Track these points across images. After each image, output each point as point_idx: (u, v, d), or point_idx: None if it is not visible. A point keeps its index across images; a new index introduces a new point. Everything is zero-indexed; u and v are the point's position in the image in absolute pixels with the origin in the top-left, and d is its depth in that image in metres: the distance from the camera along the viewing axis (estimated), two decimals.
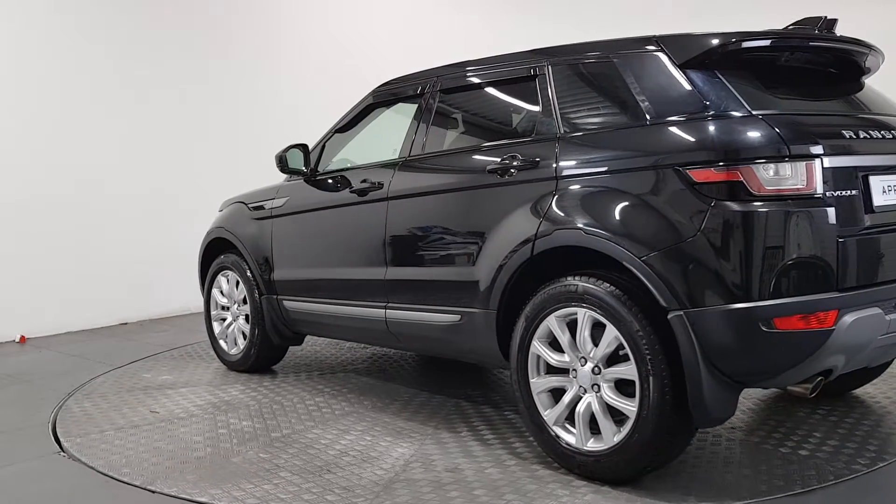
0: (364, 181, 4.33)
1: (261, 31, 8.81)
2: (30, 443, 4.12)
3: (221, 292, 5.56)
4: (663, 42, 3.26)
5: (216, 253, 5.64)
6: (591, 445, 3.24)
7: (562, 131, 3.45)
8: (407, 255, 4.08)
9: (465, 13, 10.36)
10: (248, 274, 5.22)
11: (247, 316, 5.33)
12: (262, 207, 5.15)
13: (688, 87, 3.12)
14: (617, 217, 3.13)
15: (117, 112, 7.60)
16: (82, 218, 7.35)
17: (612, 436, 3.16)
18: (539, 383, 3.43)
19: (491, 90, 3.99)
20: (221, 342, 5.59)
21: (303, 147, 4.75)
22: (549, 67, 3.61)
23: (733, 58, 3.15)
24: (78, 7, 7.40)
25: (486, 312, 3.63)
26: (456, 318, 3.80)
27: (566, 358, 3.32)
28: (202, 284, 5.80)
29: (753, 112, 2.98)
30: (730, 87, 3.08)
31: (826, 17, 3.39)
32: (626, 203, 3.12)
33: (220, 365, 5.63)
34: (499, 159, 3.62)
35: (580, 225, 3.21)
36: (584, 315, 3.22)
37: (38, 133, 7.10)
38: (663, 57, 3.22)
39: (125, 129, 7.65)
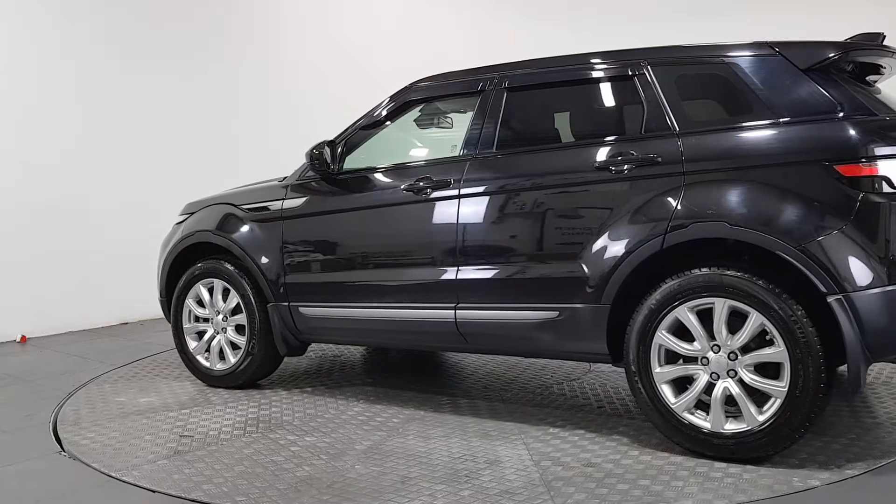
0: (421, 179, 4.17)
1: (260, 31, 8.80)
2: (30, 443, 4.10)
3: (200, 302, 5.06)
4: (780, 48, 3.50)
5: (187, 261, 5.13)
6: (730, 427, 3.40)
7: (678, 129, 3.58)
8: (487, 254, 3.99)
9: (465, 13, 10.36)
10: (245, 281, 4.80)
11: (237, 327, 4.90)
12: (265, 209, 4.76)
13: (818, 90, 3.38)
14: (765, 209, 3.31)
15: (119, 112, 7.55)
16: (83, 218, 7.27)
17: (756, 416, 3.33)
18: (664, 373, 3.53)
19: (575, 88, 4.01)
20: (200, 358, 5.08)
21: (331, 144, 4.48)
22: (649, 68, 3.73)
23: (843, 65, 3.47)
24: (75, 12, 7.31)
25: (595, 307, 3.67)
26: (553, 314, 3.80)
27: (697, 346, 3.45)
28: (166, 296, 5.24)
29: (877, 113, 3.30)
30: (851, 90, 3.39)
31: (883, 33, 3.81)
32: (771, 196, 3.32)
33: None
34: (607, 156, 3.68)
35: (724, 218, 3.36)
36: (722, 304, 3.37)
37: (38, 133, 7.04)
38: (785, 62, 3.47)
39: (127, 129, 7.60)
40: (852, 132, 3.25)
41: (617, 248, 3.61)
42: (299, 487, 3.32)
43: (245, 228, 4.82)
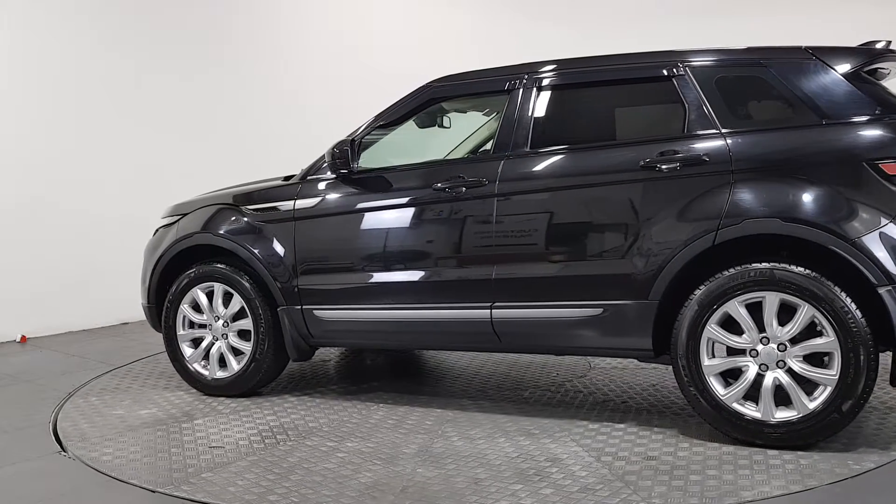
0: (453, 178, 4.14)
1: (260, 32, 8.72)
2: (30, 443, 4.10)
3: (196, 308, 4.83)
4: (818, 52, 3.68)
5: (179, 265, 4.90)
6: (780, 416, 3.53)
7: (721, 129, 3.69)
8: (527, 252, 3.99)
9: (465, 13, 10.28)
10: (249, 284, 4.62)
11: (240, 332, 4.71)
12: (274, 209, 4.59)
13: (856, 92, 3.57)
14: (815, 206, 3.46)
15: (119, 112, 7.48)
16: (83, 218, 7.18)
17: (806, 404, 3.48)
18: (714, 366, 3.64)
19: (612, 88, 4.07)
20: (197, 366, 4.85)
21: (351, 143, 4.37)
22: (688, 69, 3.84)
23: (875, 69, 3.68)
24: (76, 12, 7.24)
25: (642, 303, 3.74)
26: (597, 311, 3.84)
27: (747, 339, 3.58)
28: (156, 302, 4.98)
29: None
30: (884, 92, 3.60)
31: (890, 41, 4.06)
32: (819, 193, 3.47)
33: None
34: (654, 155, 3.75)
35: (776, 214, 3.49)
36: (773, 298, 3.51)
37: (39, 134, 6.97)
38: (824, 66, 3.64)
39: (126, 129, 7.51)
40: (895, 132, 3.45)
41: (667, 245, 3.68)
42: (373, 494, 3.23)
43: (252, 229, 4.64)
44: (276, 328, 4.61)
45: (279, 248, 4.55)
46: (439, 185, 4.16)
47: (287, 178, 4.86)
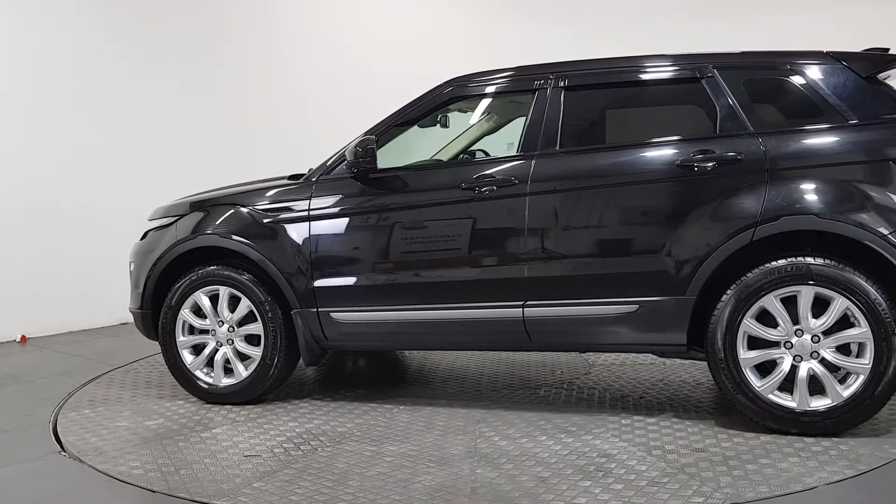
0: (482, 176, 4.12)
1: (259, 32, 8.64)
2: (30, 443, 4.10)
3: (198, 313, 4.63)
4: (840, 57, 3.86)
5: (175, 270, 4.69)
6: (815, 405, 3.68)
7: (753, 129, 3.82)
8: (560, 250, 4.01)
9: (465, 13, 10.12)
10: (259, 287, 4.47)
11: (247, 337, 4.55)
12: (287, 209, 4.45)
13: (879, 94, 3.77)
14: (849, 203, 3.63)
15: (118, 112, 7.47)
16: (83, 218, 7.18)
17: (841, 393, 3.64)
18: (750, 359, 3.76)
19: (639, 89, 4.16)
20: (199, 373, 4.65)
21: (375, 141, 4.28)
22: (717, 71, 3.95)
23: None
24: (76, 12, 7.23)
25: (680, 299, 3.83)
26: (632, 307, 3.91)
27: (782, 331, 3.72)
28: (149, 308, 4.74)
29: None
30: None
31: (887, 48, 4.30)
32: (852, 192, 3.64)
33: None
34: (689, 154, 3.84)
35: (812, 211, 3.65)
36: (808, 291, 3.66)
37: (38, 133, 6.99)
38: (846, 70, 3.82)
39: (127, 129, 7.52)
40: None
41: (705, 242, 3.78)
42: (443, 496, 3.18)
43: (263, 230, 4.48)
44: (289, 332, 4.48)
45: (293, 249, 4.42)
46: (466, 184, 4.14)
47: (292, 178, 4.73)
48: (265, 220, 4.50)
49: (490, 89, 4.42)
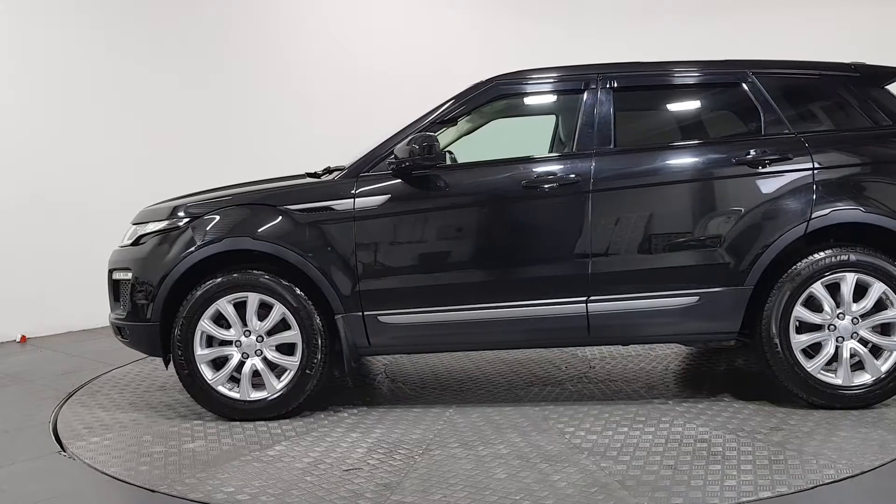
0: (543, 174, 4.15)
1: (259, 33, 8.51)
2: (30, 443, 4.12)
3: (221, 323, 4.25)
4: (861, 68, 4.31)
5: (190, 278, 4.29)
6: (857, 381, 4.08)
7: (794, 131, 4.17)
8: (624, 246, 4.11)
9: (465, 13, 9.68)
10: (298, 291, 4.19)
11: (278, 347, 4.25)
12: (328, 209, 4.20)
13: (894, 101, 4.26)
14: (890, 198, 4.06)
15: (119, 112, 7.50)
16: (83, 218, 7.22)
17: (879, 368, 4.06)
18: (801, 342, 4.09)
19: (686, 91, 4.40)
20: (223, 388, 4.27)
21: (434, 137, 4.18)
22: (755, 77, 4.27)
23: None
24: (77, 13, 7.26)
25: (738, 289, 4.09)
26: (693, 299, 4.11)
27: (827, 316, 4.08)
28: (158, 321, 4.28)
29: None
30: None
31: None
32: (889, 187, 4.08)
33: None
34: (746, 153, 4.10)
35: (857, 205, 4.04)
36: (851, 278, 4.05)
37: (39, 133, 7.05)
38: (867, 79, 4.28)
39: (127, 129, 7.56)
40: None
41: (762, 235, 4.07)
42: (590, 490, 3.18)
43: (302, 232, 4.20)
44: (332, 339, 4.24)
45: (337, 250, 4.19)
46: (527, 182, 4.15)
47: (314, 175, 4.50)
48: (303, 221, 4.22)
49: (535, 87, 4.46)
